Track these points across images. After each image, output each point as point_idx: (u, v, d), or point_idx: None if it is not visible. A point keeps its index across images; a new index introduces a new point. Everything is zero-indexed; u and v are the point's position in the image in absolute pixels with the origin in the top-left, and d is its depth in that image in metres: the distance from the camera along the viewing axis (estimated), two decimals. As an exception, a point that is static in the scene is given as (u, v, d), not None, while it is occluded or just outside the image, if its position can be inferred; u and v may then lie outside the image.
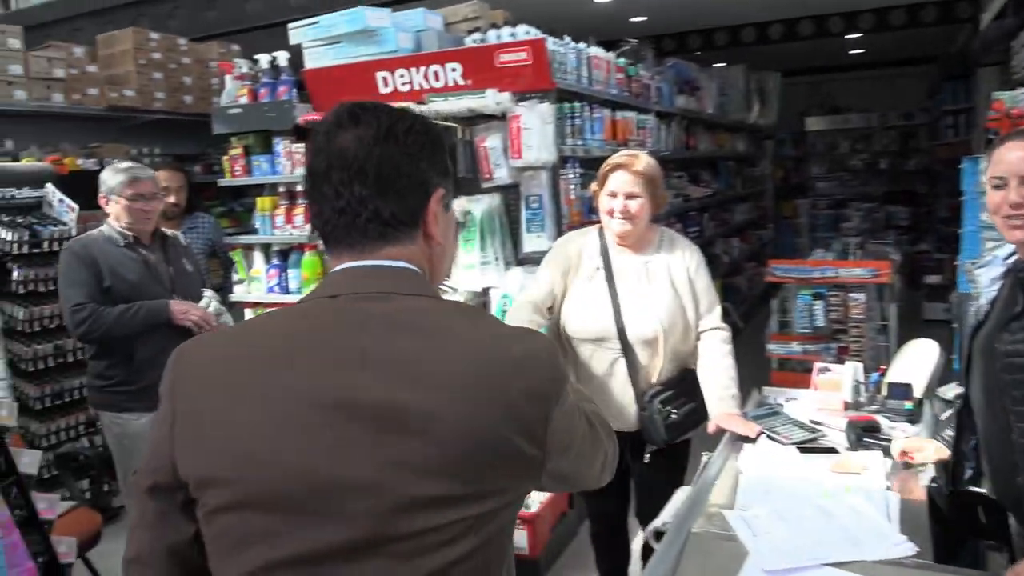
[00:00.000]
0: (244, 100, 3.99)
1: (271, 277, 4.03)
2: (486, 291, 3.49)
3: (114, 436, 3.02)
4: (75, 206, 4.07)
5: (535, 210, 3.42)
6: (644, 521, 2.40)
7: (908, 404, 2.43)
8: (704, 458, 2.26)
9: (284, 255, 4.06)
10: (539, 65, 3.36)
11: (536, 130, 3.29)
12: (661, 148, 5.05)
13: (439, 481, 0.93)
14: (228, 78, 4.07)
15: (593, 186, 2.61)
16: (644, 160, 2.49)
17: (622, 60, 4.63)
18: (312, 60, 3.86)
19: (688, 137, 6.05)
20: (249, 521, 0.94)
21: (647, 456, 2.47)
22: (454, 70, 3.50)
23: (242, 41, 6.11)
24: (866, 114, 11.33)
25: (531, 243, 3.44)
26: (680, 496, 2.07)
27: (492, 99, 3.27)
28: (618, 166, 2.49)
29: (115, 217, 3.01)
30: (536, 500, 3.25)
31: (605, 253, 2.56)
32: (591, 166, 4.23)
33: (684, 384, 2.49)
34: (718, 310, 2.55)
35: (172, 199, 3.87)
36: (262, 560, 0.93)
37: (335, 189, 1.02)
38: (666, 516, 1.98)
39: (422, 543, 0.93)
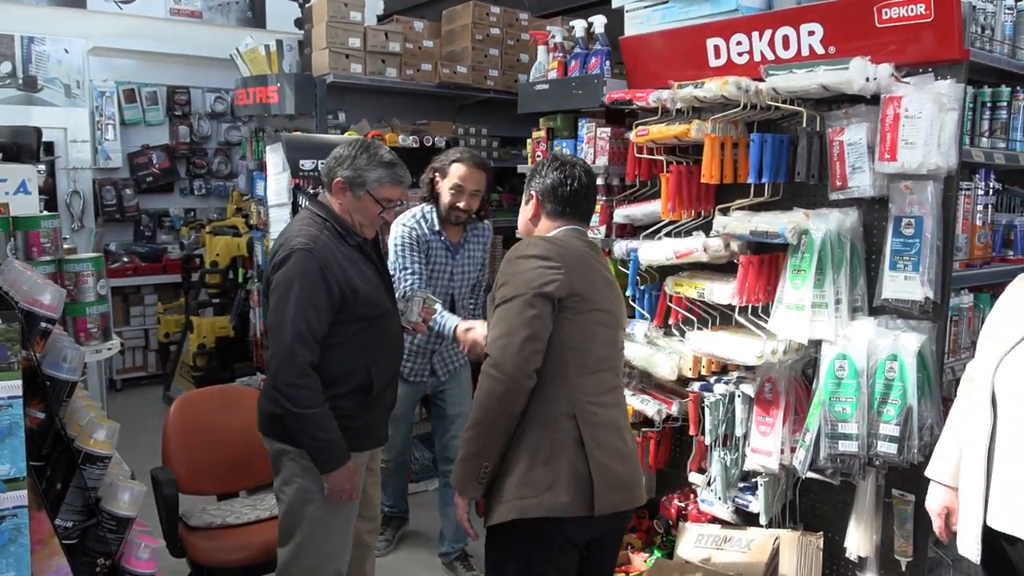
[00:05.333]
0: (554, 74, 3.42)
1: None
2: (816, 345, 2.49)
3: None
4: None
5: (908, 239, 2.32)
6: None
7: None
8: None
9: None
10: (945, 22, 2.24)
11: (927, 120, 2.20)
12: None
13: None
14: (541, 49, 3.53)
15: None
16: None
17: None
18: (633, 25, 3.13)
19: None
20: (597, 315, 2.02)
21: None
22: (812, 33, 2.51)
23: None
24: None
25: (894, 286, 2.35)
26: None
27: (859, 72, 2.24)
28: None
29: (343, 208, 2.39)
30: None
31: None
32: (1012, 180, 2.95)
33: None
34: None
35: (463, 204, 3.17)
36: (605, 336, 2.05)
37: (590, 198, 2.19)
38: None
39: None
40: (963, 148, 2.38)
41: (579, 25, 3.30)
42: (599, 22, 3.21)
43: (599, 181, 3.23)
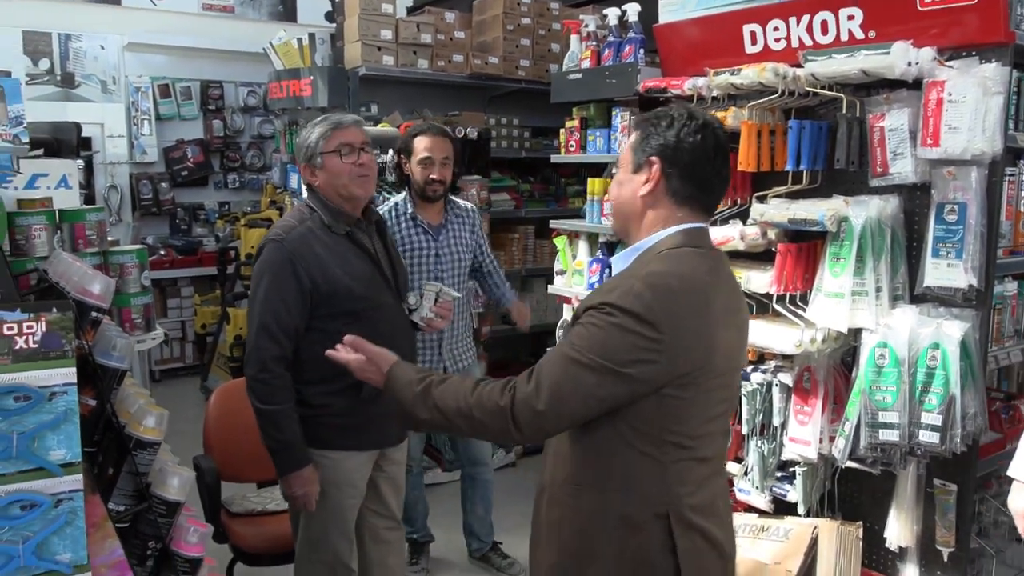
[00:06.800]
0: (587, 64, 3.41)
1: (593, 272, 3.44)
2: (855, 334, 2.46)
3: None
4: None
5: (951, 225, 2.28)
6: None
7: None
8: None
9: (610, 247, 3.44)
10: (990, 5, 2.19)
11: (971, 104, 2.15)
12: None
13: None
14: (573, 38, 3.52)
15: None
16: None
17: None
18: (668, 12, 3.11)
19: None
20: (713, 381, 1.54)
21: None
22: (851, 18, 2.47)
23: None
24: None
25: (936, 273, 2.31)
26: None
27: (901, 56, 2.20)
28: None
29: (324, 190, 2.33)
30: None
31: None
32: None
33: None
34: None
35: (435, 174, 3.17)
36: (720, 396, 1.59)
37: (725, 170, 1.60)
38: None
39: None
40: (1008, 133, 2.34)
41: (612, 13, 3.28)
42: (633, 10, 3.19)
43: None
